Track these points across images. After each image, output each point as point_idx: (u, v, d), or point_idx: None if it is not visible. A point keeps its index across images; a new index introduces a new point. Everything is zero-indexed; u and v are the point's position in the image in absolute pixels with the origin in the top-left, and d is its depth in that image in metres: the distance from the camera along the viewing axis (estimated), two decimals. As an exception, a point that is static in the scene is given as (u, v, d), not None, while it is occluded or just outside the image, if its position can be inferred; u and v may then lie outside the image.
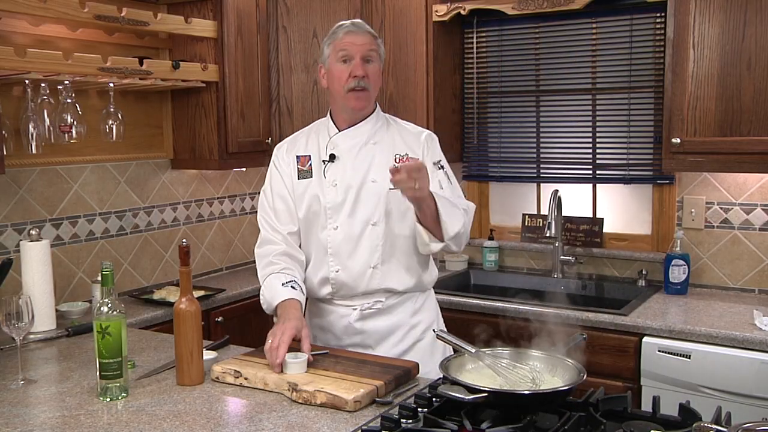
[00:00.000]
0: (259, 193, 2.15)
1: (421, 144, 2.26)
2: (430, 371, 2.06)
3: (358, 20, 2.24)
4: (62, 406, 1.81)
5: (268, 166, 2.19)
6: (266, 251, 2.23)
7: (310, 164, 2.25)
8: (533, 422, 1.54)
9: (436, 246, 2.13)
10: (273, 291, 2.13)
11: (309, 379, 1.83)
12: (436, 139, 2.32)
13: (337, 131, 2.24)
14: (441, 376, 1.72)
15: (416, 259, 2.24)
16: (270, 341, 1.93)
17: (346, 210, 2.19)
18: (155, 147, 3.35)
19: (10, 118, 2.68)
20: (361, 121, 2.24)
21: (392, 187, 2.04)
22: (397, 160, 2.20)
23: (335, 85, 2.18)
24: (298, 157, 2.27)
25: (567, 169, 3.49)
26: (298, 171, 2.25)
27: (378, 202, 2.19)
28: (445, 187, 2.23)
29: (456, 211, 2.13)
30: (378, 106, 2.31)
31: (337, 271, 2.20)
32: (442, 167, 2.26)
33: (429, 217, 2.07)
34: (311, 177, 2.23)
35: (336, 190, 2.20)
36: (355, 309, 2.22)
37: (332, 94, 2.23)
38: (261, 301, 2.20)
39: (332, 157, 2.22)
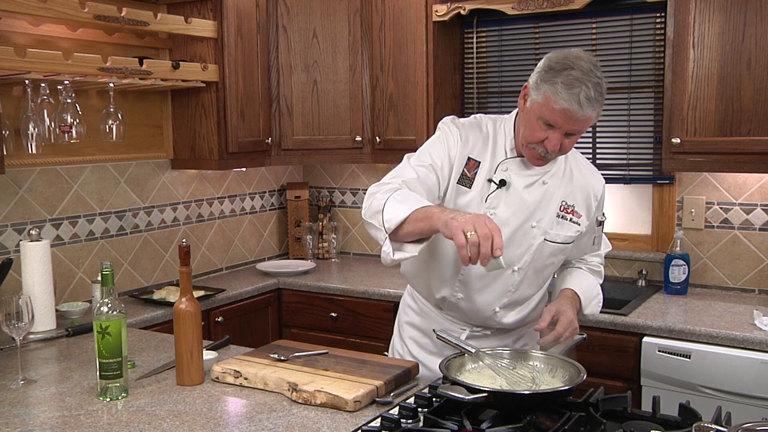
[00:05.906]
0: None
1: (594, 196, 2.05)
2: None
3: (591, 93, 1.81)
4: (62, 406, 1.81)
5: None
6: (379, 187, 1.89)
7: (476, 173, 1.97)
8: (533, 422, 1.54)
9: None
10: (405, 197, 1.80)
11: (309, 379, 1.83)
12: (605, 187, 2.13)
13: (514, 154, 1.98)
14: (441, 376, 1.72)
15: (535, 306, 2.11)
16: (471, 233, 1.57)
17: None
18: (155, 147, 3.35)
19: (10, 118, 2.68)
20: None
21: (550, 239, 1.96)
22: (561, 209, 1.99)
23: (524, 131, 1.91)
24: (469, 158, 1.98)
25: (567, 169, 3.48)
26: (462, 174, 1.97)
27: (528, 248, 1.98)
28: (597, 243, 2.13)
29: (595, 292, 2.08)
30: None
31: (459, 298, 2.04)
32: (602, 223, 2.11)
33: None
34: (470, 188, 1.96)
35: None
36: (464, 330, 2.09)
37: (520, 124, 1.96)
38: (379, 220, 1.78)
39: (502, 183, 1.96)
